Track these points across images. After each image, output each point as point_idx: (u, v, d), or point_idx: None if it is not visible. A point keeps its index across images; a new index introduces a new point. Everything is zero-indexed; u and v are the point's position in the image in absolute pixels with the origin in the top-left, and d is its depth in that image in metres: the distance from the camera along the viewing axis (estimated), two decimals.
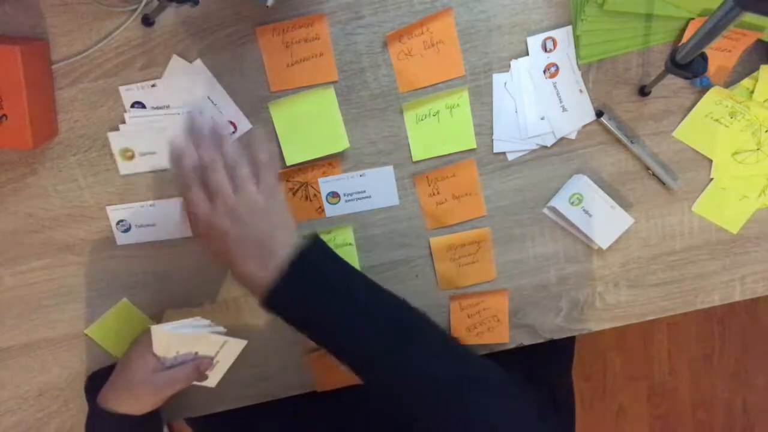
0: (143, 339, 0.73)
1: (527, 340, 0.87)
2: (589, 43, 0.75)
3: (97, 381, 0.77)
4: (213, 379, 0.76)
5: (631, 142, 0.79)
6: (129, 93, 0.74)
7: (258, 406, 0.85)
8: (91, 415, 0.74)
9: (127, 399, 0.70)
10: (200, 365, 0.72)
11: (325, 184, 0.79)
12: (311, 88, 0.76)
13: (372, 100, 0.77)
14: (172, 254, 0.80)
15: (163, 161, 0.77)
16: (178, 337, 0.70)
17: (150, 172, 0.77)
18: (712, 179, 0.82)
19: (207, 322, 0.75)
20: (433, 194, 0.80)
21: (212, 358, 0.74)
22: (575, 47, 0.76)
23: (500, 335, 0.85)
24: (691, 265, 0.85)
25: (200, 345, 0.73)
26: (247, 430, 0.86)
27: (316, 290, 0.58)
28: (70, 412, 0.85)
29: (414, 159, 0.79)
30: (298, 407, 0.85)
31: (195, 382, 0.74)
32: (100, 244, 0.79)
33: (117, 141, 0.76)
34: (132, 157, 0.76)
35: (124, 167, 0.77)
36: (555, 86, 0.77)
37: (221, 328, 0.75)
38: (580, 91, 0.78)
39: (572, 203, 0.80)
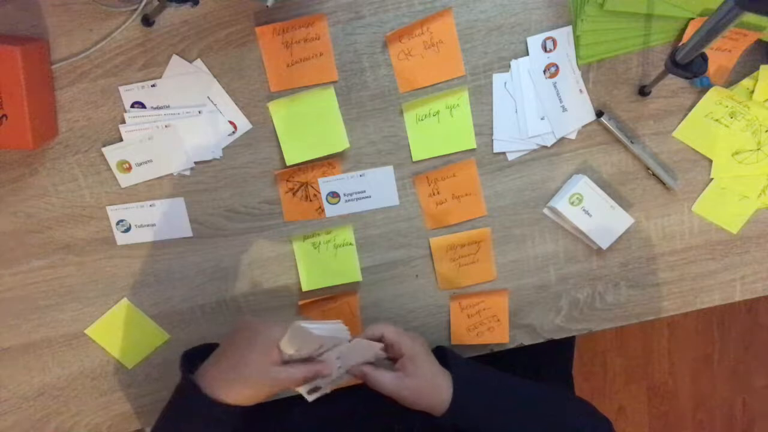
0: (263, 330, 0.67)
1: (527, 340, 0.87)
2: (589, 43, 0.75)
3: (190, 359, 0.71)
4: (314, 394, 0.71)
5: (631, 142, 0.79)
6: (129, 93, 0.74)
7: (268, 404, 0.85)
8: (187, 394, 0.68)
9: (239, 390, 0.65)
10: (321, 371, 0.68)
11: (325, 184, 0.79)
12: (311, 88, 0.76)
13: (372, 100, 0.77)
14: (172, 254, 0.81)
15: (160, 168, 0.77)
16: (316, 338, 0.66)
17: (150, 180, 0.77)
18: (712, 179, 0.82)
19: (346, 329, 0.70)
20: (433, 194, 0.80)
21: (331, 368, 0.68)
22: (575, 47, 0.76)
23: (500, 335, 0.85)
24: (691, 265, 0.85)
25: (327, 350, 0.69)
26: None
27: (478, 402, 0.73)
28: (70, 412, 0.85)
29: (414, 159, 0.79)
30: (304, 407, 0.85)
31: (296, 388, 0.69)
32: (100, 244, 0.79)
33: (112, 155, 0.76)
34: (129, 168, 0.77)
35: (124, 180, 0.77)
36: (555, 86, 0.77)
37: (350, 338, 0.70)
38: (580, 91, 0.78)
39: (572, 203, 0.80)
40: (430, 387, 0.71)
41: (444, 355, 0.76)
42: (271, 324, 0.67)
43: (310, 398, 0.70)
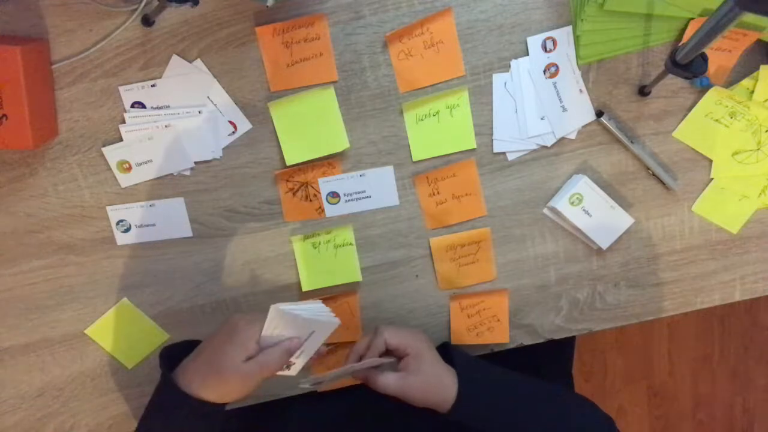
0: (243, 326, 0.66)
1: (527, 340, 0.87)
2: (589, 43, 0.75)
3: (169, 355, 0.71)
4: (296, 368, 0.69)
5: (631, 142, 0.79)
6: (129, 93, 0.74)
7: (268, 404, 0.85)
8: (165, 391, 0.67)
9: (214, 386, 0.64)
10: (289, 347, 0.65)
11: (325, 184, 0.79)
12: (311, 88, 0.76)
13: (372, 100, 0.77)
14: (172, 254, 0.81)
15: (160, 168, 0.77)
16: (297, 320, 0.65)
17: (150, 180, 0.78)
18: (712, 179, 0.82)
19: (327, 309, 0.68)
20: (433, 194, 0.80)
21: (300, 339, 0.67)
22: (575, 47, 0.76)
23: (500, 335, 0.85)
24: (691, 265, 0.85)
25: (306, 330, 0.67)
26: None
27: (482, 399, 0.74)
28: (70, 412, 0.85)
29: (414, 159, 0.79)
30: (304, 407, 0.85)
31: (278, 372, 0.67)
32: (100, 244, 0.79)
33: (112, 154, 0.76)
34: (129, 168, 0.76)
35: (124, 180, 0.77)
36: (555, 86, 0.77)
37: (335, 319, 0.68)
38: (580, 91, 0.78)
39: (572, 203, 0.80)
40: (435, 384, 0.71)
41: (448, 351, 0.76)
42: (251, 320, 0.66)
43: (312, 388, 0.70)
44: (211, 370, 0.65)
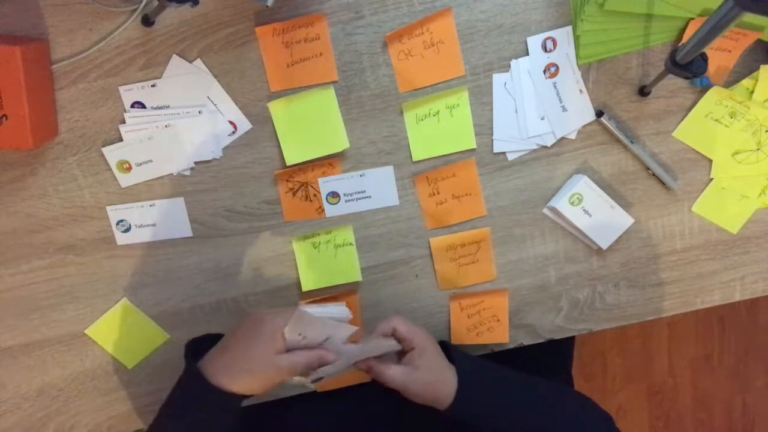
0: (269, 319, 0.66)
1: (527, 340, 0.87)
2: (589, 43, 0.75)
3: (196, 348, 0.71)
4: (311, 378, 0.70)
5: (631, 142, 0.79)
6: (129, 93, 0.74)
7: (267, 404, 0.85)
8: (192, 384, 0.67)
9: (244, 378, 0.65)
10: (323, 357, 0.67)
11: (325, 184, 0.79)
12: (311, 88, 0.76)
13: (372, 100, 0.77)
14: (172, 254, 0.81)
15: (160, 168, 0.77)
16: (319, 322, 0.66)
17: (150, 180, 0.78)
18: (712, 179, 0.82)
19: (348, 311, 0.70)
20: (433, 194, 0.80)
21: (333, 355, 0.67)
22: (575, 47, 0.76)
23: (500, 335, 0.86)
24: (691, 265, 0.85)
25: (332, 335, 0.68)
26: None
27: (480, 397, 0.74)
28: (70, 412, 0.85)
29: (414, 159, 0.79)
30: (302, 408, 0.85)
31: (295, 379, 0.68)
32: (100, 244, 0.79)
33: (112, 155, 0.76)
34: (129, 168, 0.77)
35: (124, 180, 0.77)
36: (555, 86, 0.77)
37: (355, 327, 0.69)
38: (580, 91, 0.78)
39: (572, 203, 0.80)
40: (437, 380, 0.71)
41: (447, 350, 0.76)
42: (276, 312, 0.67)
43: (311, 387, 0.70)
44: (240, 363, 0.65)
